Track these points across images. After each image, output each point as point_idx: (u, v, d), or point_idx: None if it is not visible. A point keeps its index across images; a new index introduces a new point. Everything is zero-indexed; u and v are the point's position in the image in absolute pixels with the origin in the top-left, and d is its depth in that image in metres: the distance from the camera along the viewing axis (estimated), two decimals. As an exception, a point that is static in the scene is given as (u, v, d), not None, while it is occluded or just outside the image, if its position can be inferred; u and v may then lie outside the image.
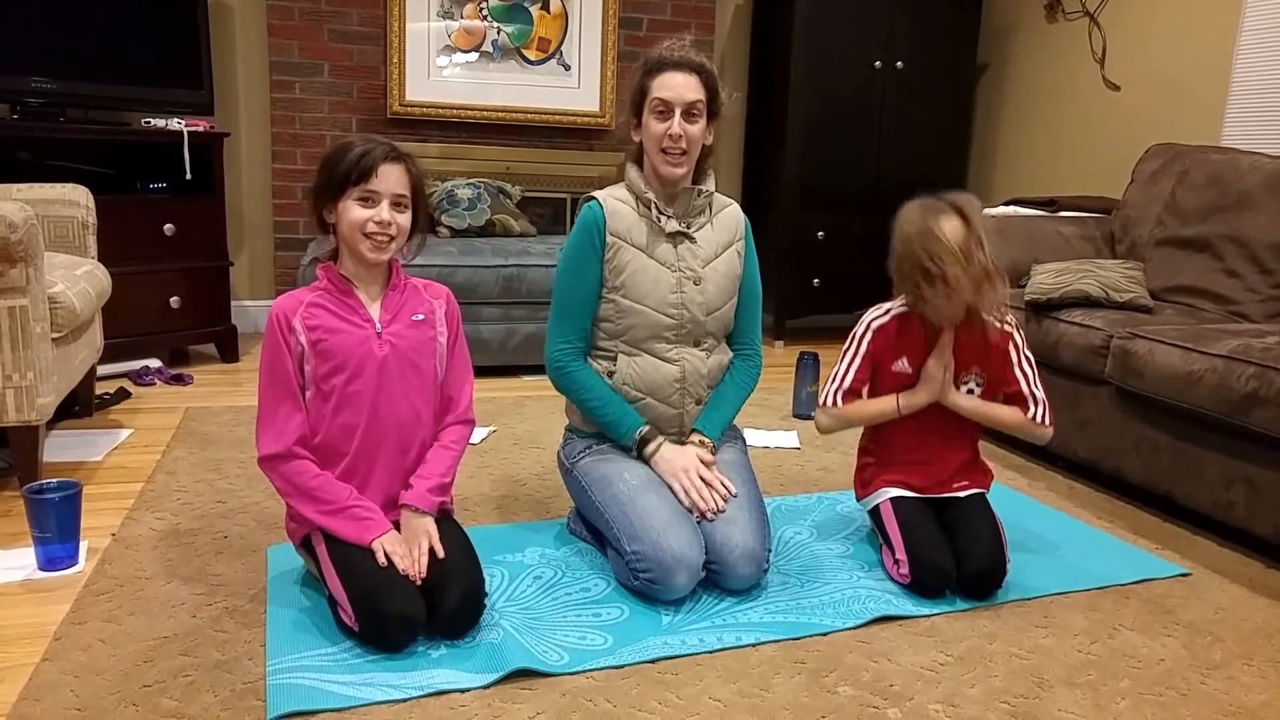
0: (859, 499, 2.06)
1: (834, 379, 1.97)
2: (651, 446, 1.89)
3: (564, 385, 1.93)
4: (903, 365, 1.94)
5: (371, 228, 1.60)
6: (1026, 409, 1.93)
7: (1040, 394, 1.95)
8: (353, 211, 1.60)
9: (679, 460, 1.87)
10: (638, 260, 1.90)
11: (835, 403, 1.95)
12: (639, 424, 1.90)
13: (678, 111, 1.83)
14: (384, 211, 1.60)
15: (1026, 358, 1.95)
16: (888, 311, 1.96)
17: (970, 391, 1.94)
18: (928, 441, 1.96)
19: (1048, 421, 1.94)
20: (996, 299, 1.85)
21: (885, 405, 1.94)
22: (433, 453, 1.74)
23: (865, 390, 1.96)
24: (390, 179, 1.61)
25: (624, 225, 1.90)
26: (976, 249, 1.78)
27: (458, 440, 1.77)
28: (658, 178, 1.91)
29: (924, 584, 1.81)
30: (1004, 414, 1.94)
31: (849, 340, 1.98)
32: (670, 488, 1.84)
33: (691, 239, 1.93)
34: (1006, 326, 1.94)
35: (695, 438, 1.94)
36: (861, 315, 1.99)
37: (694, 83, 1.84)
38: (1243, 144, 3.18)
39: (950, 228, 1.78)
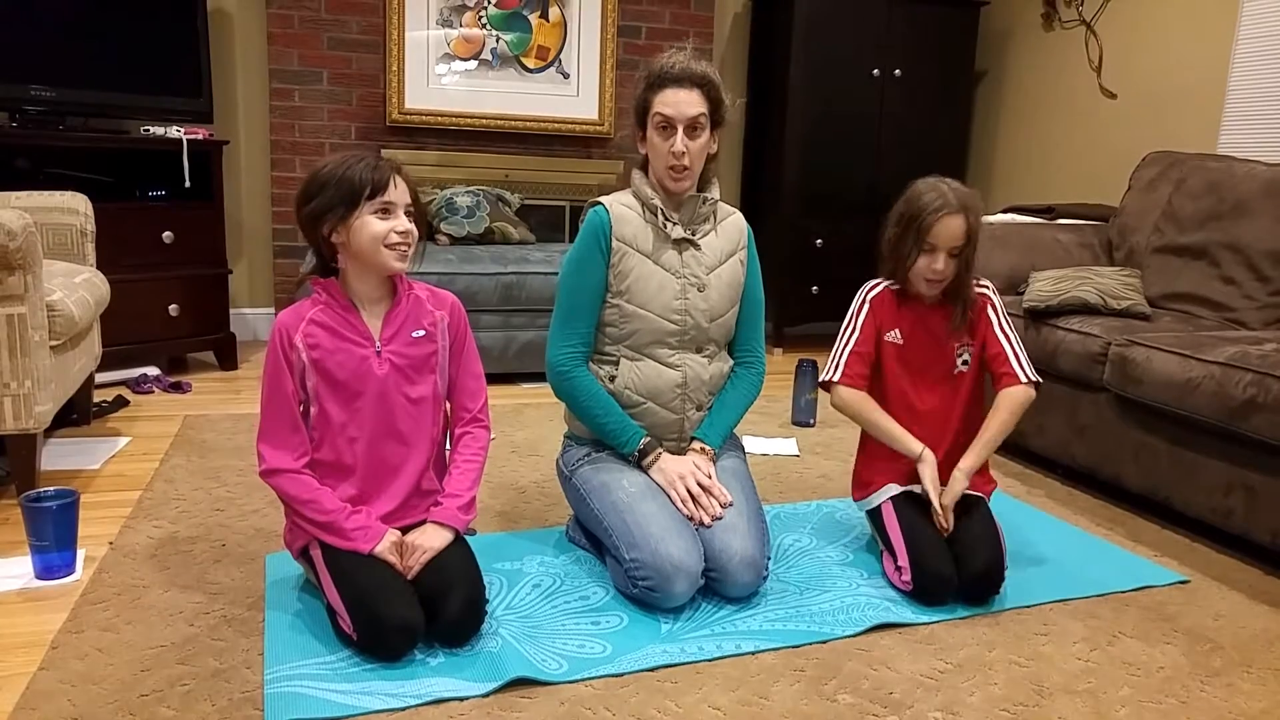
0: (857, 499, 2.05)
1: (836, 353, 2.00)
2: (651, 457, 1.89)
3: (565, 391, 1.93)
4: (895, 335, 1.97)
5: (394, 238, 1.61)
6: (1010, 370, 1.93)
7: (1023, 352, 1.96)
8: (372, 226, 1.60)
9: (676, 469, 1.86)
10: (643, 266, 1.90)
11: (834, 377, 1.98)
12: (640, 435, 1.90)
13: (680, 128, 1.83)
14: (404, 220, 1.62)
15: (1006, 319, 1.98)
16: (881, 283, 2.01)
17: (965, 362, 1.96)
18: (929, 440, 1.95)
19: (1034, 377, 1.94)
20: (968, 290, 1.94)
21: (908, 440, 1.93)
22: (455, 469, 1.75)
23: (870, 364, 1.98)
24: (402, 189, 1.63)
25: (629, 231, 1.90)
26: (968, 240, 1.88)
27: (478, 451, 1.78)
28: (663, 188, 1.91)
29: (926, 591, 1.81)
30: (1000, 423, 1.92)
31: (848, 317, 2.02)
32: (668, 496, 1.84)
33: (696, 246, 1.94)
34: (982, 290, 1.98)
35: (695, 445, 1.94)
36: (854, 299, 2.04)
37: (695, 97, 1.83)
38: (1239, 152, 3.19)
39: (954, 220, 1.87)
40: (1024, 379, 1.92)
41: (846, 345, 1.99)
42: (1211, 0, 3.43)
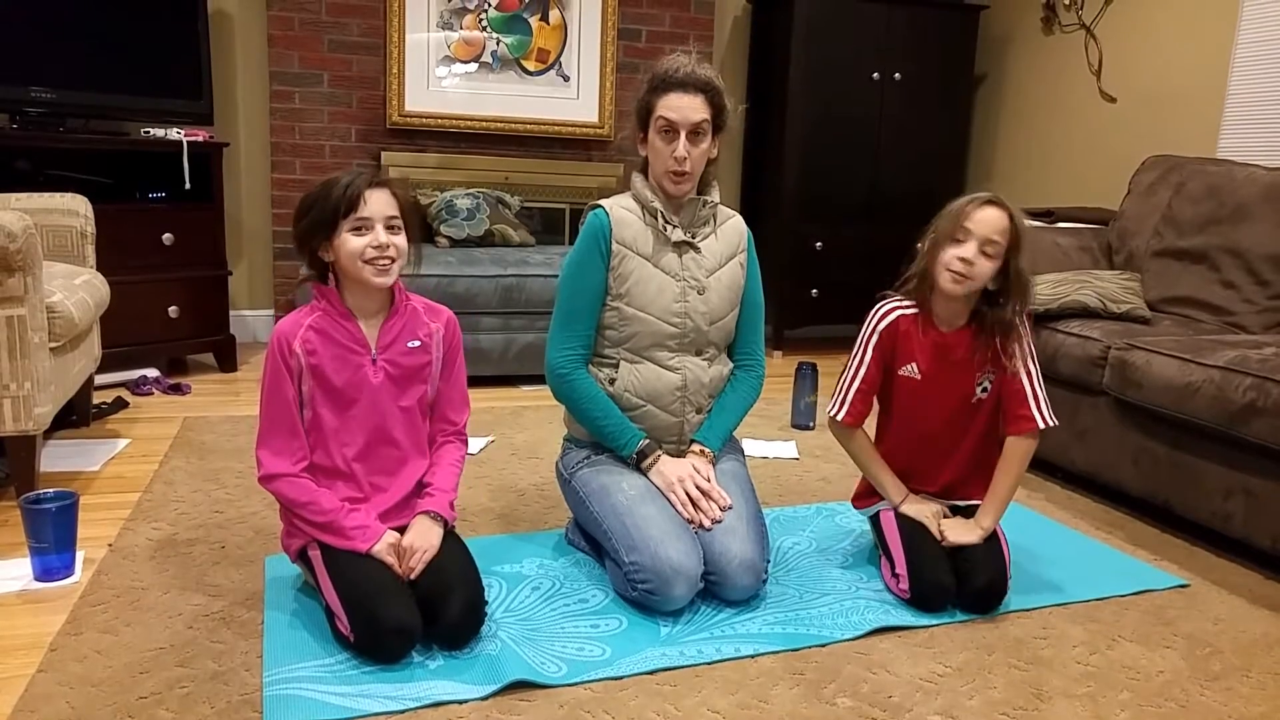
0: (859, 508, 2.06)
1: (840, 388, 1.94)
2: (650, 459, 1.89)
3: (564, 393, 1.93)
4: (911, 370, 1.90)
5: (370, 253, 1.61)
6: (1028, 413, 1.85)
7: (1043, 389, 1.87)
8: (349, 243, 1.61)
9: (675, 472, 1.86)
10: (643, 269, 1.90)
11: (838, 415, 1.93)
12: (639, 437, 1.90)
13: (683, 134, 1.82)
14: (380, 235, 1.61)
15: (1032, 352, 1.88)
16: (893, 311, 1.91)
17: (984, 390, 1.89)
18: (933, 465, 1.95)
19: (1051, 420, 1.86)
20: (1007, 314, 1.83)
21: (891, 487, 1.92)
22: (441, 469, 1.77)
23: (874, 396, 1.94)
24: (378, 203, 1.62)
25: (630, 233, 1.90)
26: (1010, 244, 1.79)
27: (459, 460, 1.81)
28: (663, 191, 1.91)
29: (923, 600, 1.80)
30: (1014, 476, 1.87)
31: (857, 344, 1.94)
32: (667, 500, 1.84)
33: (696, 249, 1.94)
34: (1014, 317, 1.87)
35: (695, 447, 1.94)
36: (866, 319, 1.95)
37: (699, 103, 1.83)
38: (1239, 155, 3.19)
39: (995, 211, 1.80)
40: (1042, 424, 1.85)
41: (853, 381, 1.92)
42: (1211, 4, 3.43)
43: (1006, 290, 1.83)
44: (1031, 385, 1.87)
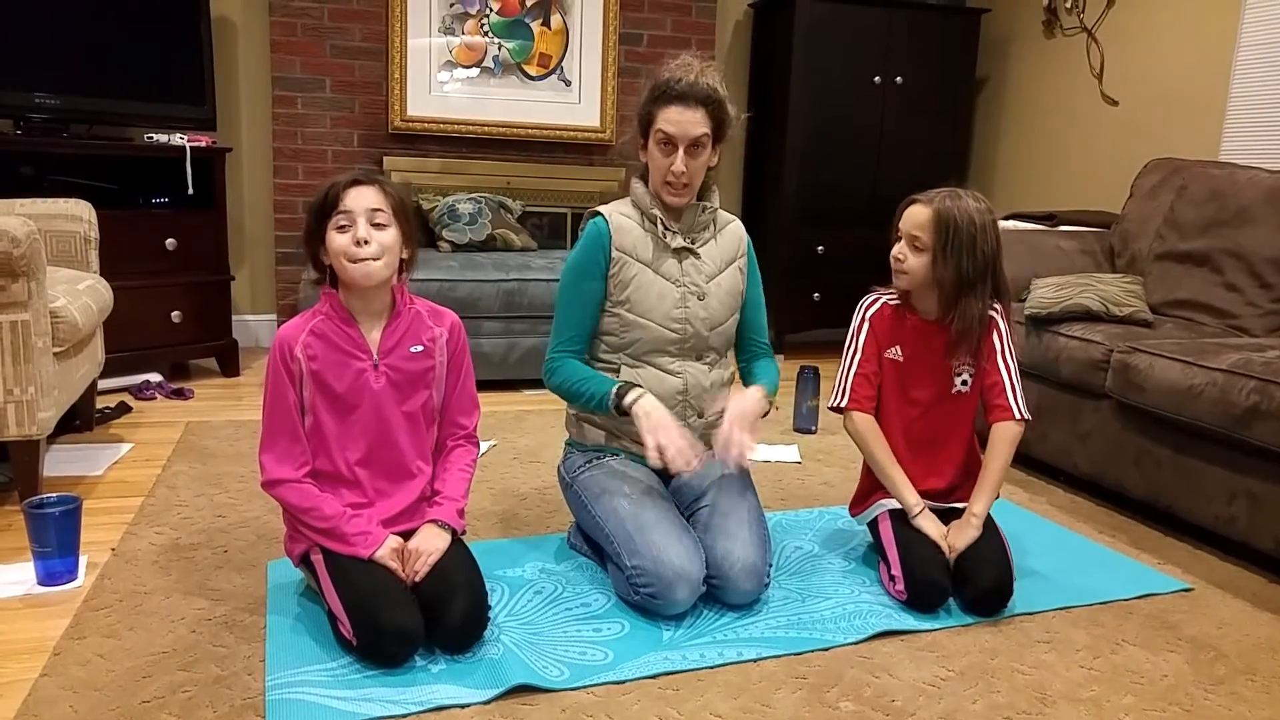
0: (854, 514, 2.06)
1: (839, 379, 1.99)
2: (631, 395, 1.80)
3: (554, 384, 1.92)
4: (895, 353, 1.95)
5: (353, 250, 1.59)
6: (1005, 404, 1.89)
7: (1020, 384, 1.92)
8: (335, 241, 1.61)
9: (658, 419, 1.76)
10: (643, 275, 1.90)
11: (841, 403, 1.97)
12: (612, 382, 1.83)
13: (681, 148, 1.82)
14: (360, 229, 1.59)
15: (1009, 347, 1.93)
16: (879, 299, 1.99)
17: (965, 381, 1.93)
18: (929, 467, 1.96)
19: (1026, 414, 1.90)
20: (970, 312, 1.85)
21: (906, 491, 1.91)
22: (451, 475, 1.76)
23: (876, 384, 1.96)
24: (360, 197, 1.61)
25: (630, 240, 1.90)
26: (942, 239, 1.82)
27: (470, 464, 1.80)
28: (660, 201, 1.91)
29: (919, 600, 1.81)
30: (1002, 462, 1.89)
31: (849, 336, 2.00)
32: (644, 441, 1.76)
33: (696, 255, 1.94)
34: (990, 313, 1.91)
35: (755, 389, 1.92)
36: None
37: (700, 117, 1.81)
38: (1241, 158, 3.19)
39: (918, 208, 1.87)
40: (1017, 415, 1.89)
41: (851, 368, 1.97)
42: (1213, 7, 3.44)
43: (961, 286, 1.85)
44: (1009, 379, 1.92)
